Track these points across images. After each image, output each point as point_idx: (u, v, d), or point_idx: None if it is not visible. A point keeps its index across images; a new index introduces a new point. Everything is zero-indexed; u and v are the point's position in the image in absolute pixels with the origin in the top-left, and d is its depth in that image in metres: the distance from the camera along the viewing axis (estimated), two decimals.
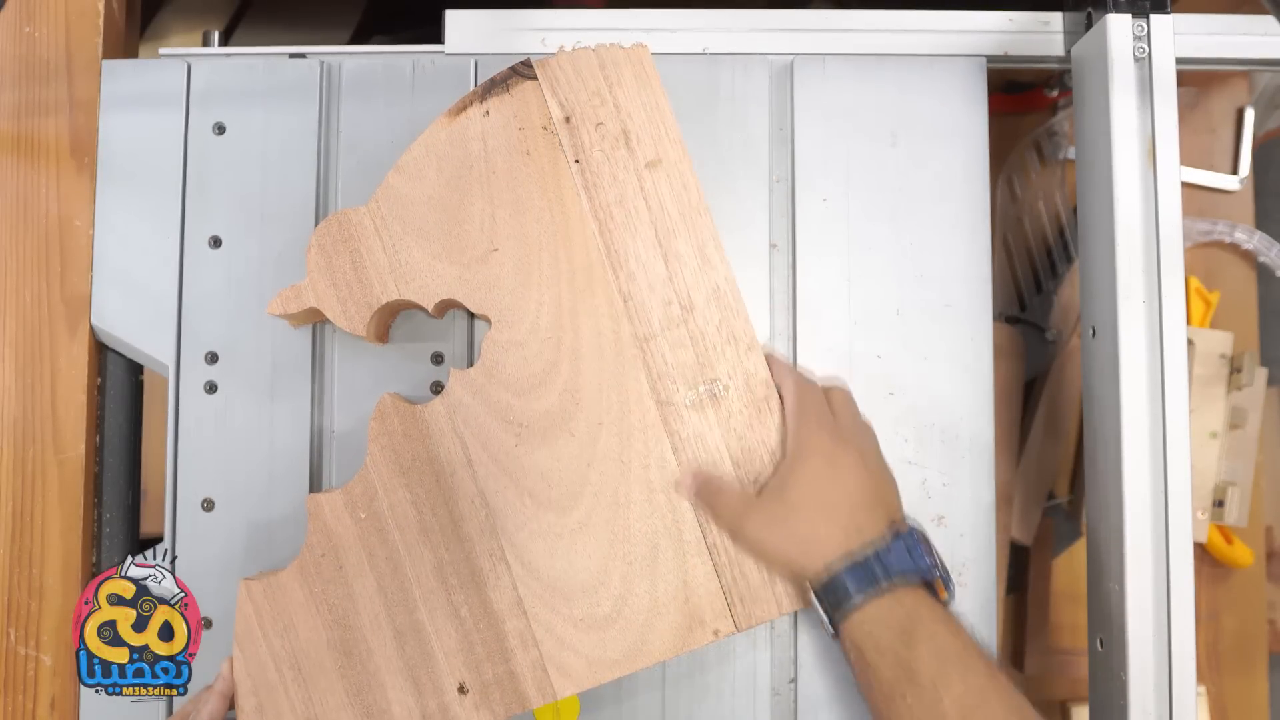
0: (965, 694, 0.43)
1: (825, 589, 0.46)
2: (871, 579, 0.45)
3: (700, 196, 0.51)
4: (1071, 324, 0.79)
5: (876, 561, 0.45)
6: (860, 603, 0.45)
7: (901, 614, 0.44)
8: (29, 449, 0.55)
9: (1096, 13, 0.53)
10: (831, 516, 0.47)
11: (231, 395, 0.54)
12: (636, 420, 0.50)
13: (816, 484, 0.47)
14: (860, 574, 0.45)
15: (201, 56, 0.57)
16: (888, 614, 0.45)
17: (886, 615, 0.45)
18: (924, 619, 0.44)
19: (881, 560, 0.45)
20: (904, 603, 0.45)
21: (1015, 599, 0.81)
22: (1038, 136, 0.81)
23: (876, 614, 0.45)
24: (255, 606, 0.49)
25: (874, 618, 0.45)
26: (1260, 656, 0.78)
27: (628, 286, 0.50)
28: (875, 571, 0.45)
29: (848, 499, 0.47)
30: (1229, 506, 0.74)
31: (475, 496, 0.50)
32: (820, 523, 0.46)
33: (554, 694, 0.49)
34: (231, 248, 0.55)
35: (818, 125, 0.56)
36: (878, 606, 0.45)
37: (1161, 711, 0.49)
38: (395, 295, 0.50)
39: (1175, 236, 0.51)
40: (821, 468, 0.48)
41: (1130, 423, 0.51)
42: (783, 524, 0.47)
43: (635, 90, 0.51)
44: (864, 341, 0.55)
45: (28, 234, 0.56)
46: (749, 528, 0.48)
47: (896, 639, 0.44)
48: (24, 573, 0.54)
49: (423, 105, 0.55)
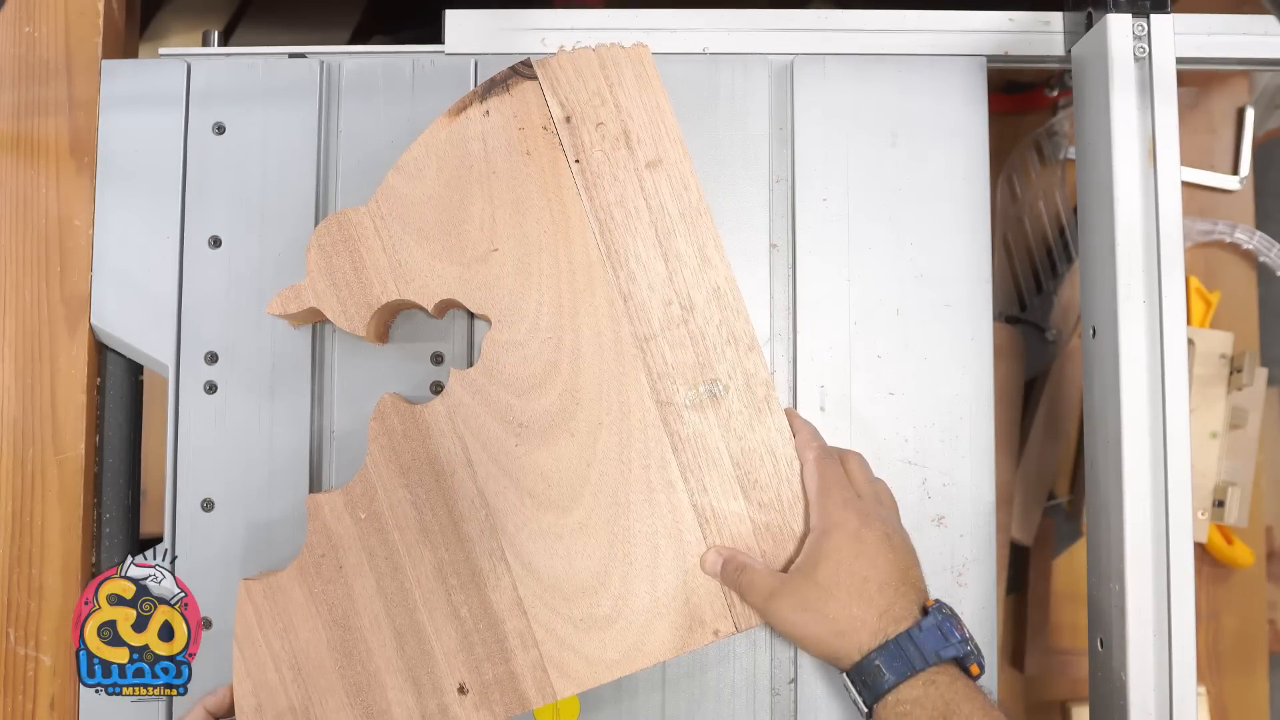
0: None
1: (858, 671, 0.45)
2: (906, 662, 0.44)
3: (700, 196, 0.51)
4: (1071, 324, 0.79)
5: (910, 643, 0.45)
6: (894, 684, 0.44)
7: (937, 696, 0.44)
8: (29, 449, 0.55)
9: (1097, 13, 0.53)
10: (862, 598, 0.46)
11: (231, 395, 0.54)
12: (636, 420, 0.50)
13: (845, 564, 0.47)
14: (894, 657, 0.44)
15: (201, 56, 0.57)
16: (923, 696, 0.44)
17: (922, 698, 0.44)
18: (960, 700, 0.44)
19: (915, 642, 0.45)
20: (939, 684, 0.44)
21: (1015, 599, 0.81)
22: (1038, 136, 0.81)
23: (912, 696, 0.44)
24: (255, 606, 0.49)
25: (909, 700, 0.44)
26: (1260, 656, 0.78)
27: (628, 286, 0.50)
28: (909, 654, 0.44)
29: (877, 579, 0.46)
30: (1229, 506, 0.74)
31: (475, 496, 0.50)
32: (852, 604, 0.46)
33: (554, 694, 0.49)
34: (231, 248, 0.55)
35: (818, 125, 0.56)
36: (912, 689, 0.44)
37: (1161, 711, 0.49)
38: (395, 295, 0.50)
39: (1175, 236, 0.51)
40: (849, 547, 0.47)
41: (1130, 423, 0.50)
42: (814, 606, 0.46)
43: (636, 90, 0.51)
44: (864, 341, 0.55)
45: (28, 234, 0.56)
46: (779, 609, 0.47)
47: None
48: (24, 573, 0.54)
49: (423, 105, 0.55)
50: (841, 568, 0.47)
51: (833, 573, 0.47)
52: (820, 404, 0.54)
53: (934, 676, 0.44)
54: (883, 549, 0.47)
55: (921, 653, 0.44)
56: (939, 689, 0.44)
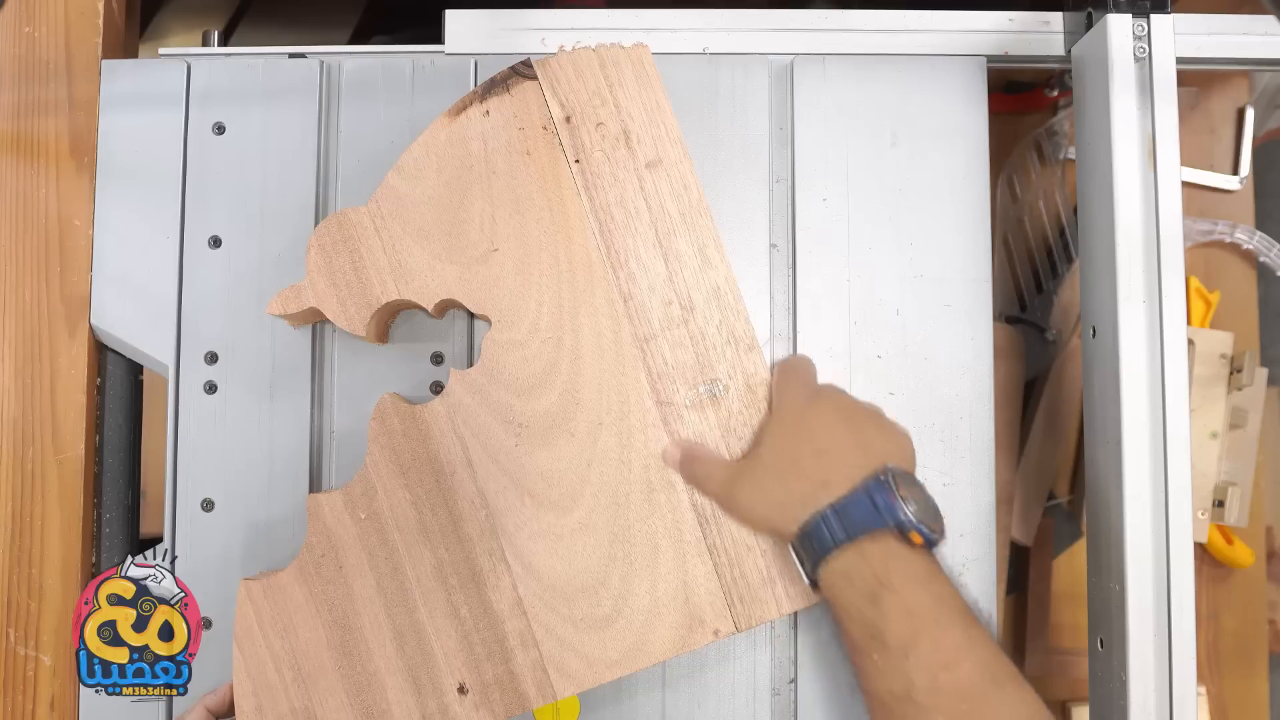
0: (934, 654, 0.42)
1: (800, 546, 0.46)
2: (829, 533, 0.44)
3: (700, 196, 0.51)
4: (1071, 324, 0.79)
5: (834, 514, 0.44)
6: (824, 556, 0.44)
7: (868, 571, 0.43)
8: (29, 449, 0.55)
9: (1097, 12, 0.53)
10: (798, 470, 0.46)
11: (231, 395, 0.54)
12: (636, 420, 0.50)
13: (786, 442, 0.47)
14: (826, 528, 0.44)
15: (201, 56, 0.57)
16: (853, 570, 0.43)
17: (852, 571, 0.43)
18: (893, 574, 0.43)
19: (840, 512, 0.44)
20: (870, 558, 0.43)
21: (1015, 599, 0.81)
22: (1038, 136, 0.81)
23: (842, 568, 0.44)
24: (255, 607, 0.49)
25: (840, 573, 0.44)
26: (1260, 656, 0.78)
27: (628, 286, 0.50)
28: (831, 525, 0.44)
29: (814, 448, 0.46)
30: (1229, 506, 0.74)
31: (475, 496, 0.50)
32: (790, 480, 0.46)
33: (554, 694, 0.49)
34: (231, 248, 0.55)
35: (818, 125, 0.56)
36: (842, 561, 0.44)
37: (1161, 711, 0.49)
38: (395, 295, 0.50)
39: (1175, 236, 0.51)
40: (792, 425, 0.48)
41: (1130, 423, 0.50)
42: (757, 486, 0.47)
43: (636, 90, 0.51)
44: (864, 341, 0.55)
45: (28, 234, 0.56)
46: (732, 494, 0.48)
47: (862, 598, 0.43)
48: (24, 573, 0.54)
49: (423, 105, 0.55)
50: (782, 443, 0.47)
51: (772, 449, 0.47)
52: None
53: (865, 551, 0.43)
54: (828, 422, 0.47)
55: (844, 524, 0.44)
56: (869, 561, 0.43)
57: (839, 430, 0.47)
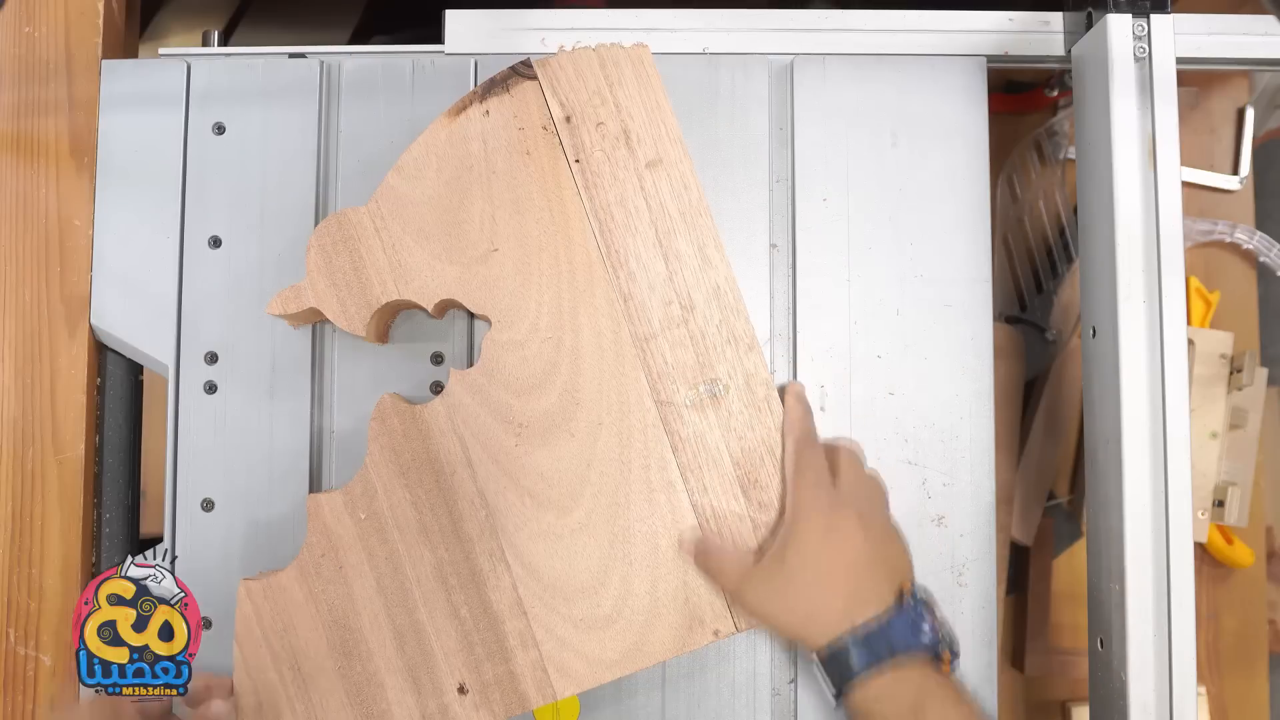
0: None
1: (828, 661, 0.45)
2: (873, 651, 0.44)
3: (701, 196, 0.51)
4: (1071, 324, 0.79)
5: (880, 636, 0.44)
6: (865, 678, 0.44)
7: (908, 690, 0.44)
8: (29, 449, 0.55)
9: (1097, 12, 0.53)
10: (831, 587, 0.46)
11: (231, 395, 0.54)
12: (636, 420, 0.50)
13: (813, 549, 0.46)
14: (864, 649, 0.44)
15: (201, 56, 0.57)
16: (894, 690, 0.44)
17: (892, 691, 0.44)
18: (932, 695, 0.44)
19: (886, 635, 0.44)
20: (910, 678, 0.44)
21: (1015, 599, 0.80)
22: (1038, 136, 0.81)
23: (881, 690, 0.44)
24: (255, 607, 0.49)
25: (879, 693, 0.44)
26: (1260, 656, 0.78)
27: (628, 286, 0.50)
28: (876, 643, 0.44)
29: (844, 563, 0.46)
30: (1229, 506, 0.74)
31: (475, 496, 0.50)
32: (821, 594, 0.46)
33: (554, 694, 0.49)
34: (231, 248, 0.55)
35: (818, 125, 0.56)
36: (882, 683, 0.44)
37: (1161, 711, 0.49)
38: (395, 295, 0.50)
39: (1175, 236, 0.51)
40: (819, 534, 0.47)
41: (1130, 423, 0.50)
42: (782, 595, 0.46)
43: (636, 90, 0.51)
44: (864, 341, 0.55)
45: (28, 234, 0.56)
46: (749, 597, 0.47)
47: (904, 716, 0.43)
48: (24, 573, 0.54)
49: (423, 105, 0.55)
50: (808, 553, 0.46)
51: (799, 558, 0.46)
52: (820, 404, 0.54)
53: (905, 672, 0.44)
54: (853, 534, 0.47)
55: (890, 643, 0.44)
56: (909, 682, 0.44)
57: (866, 545, 0.47)
